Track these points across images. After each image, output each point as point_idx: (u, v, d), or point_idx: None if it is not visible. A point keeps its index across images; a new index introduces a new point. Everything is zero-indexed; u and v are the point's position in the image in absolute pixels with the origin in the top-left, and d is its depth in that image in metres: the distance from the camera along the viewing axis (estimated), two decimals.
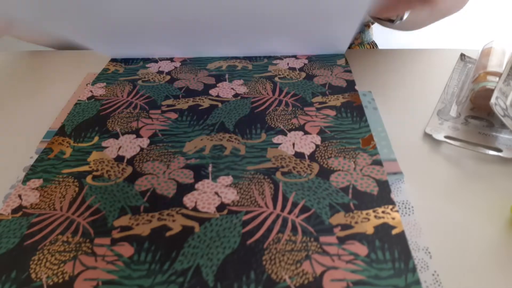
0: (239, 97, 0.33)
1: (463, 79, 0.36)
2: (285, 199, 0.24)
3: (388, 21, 0.38)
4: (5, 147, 0.31)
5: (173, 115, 0.32)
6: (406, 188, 0.26)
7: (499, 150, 0.28)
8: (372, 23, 0.58)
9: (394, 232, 0.22)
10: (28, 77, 0.40)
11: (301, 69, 0.37)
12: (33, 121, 0.33)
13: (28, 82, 0.39)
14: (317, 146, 0.28)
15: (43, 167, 0.27)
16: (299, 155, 0.27)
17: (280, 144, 0.28)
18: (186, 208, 0.24)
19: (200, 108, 0.32)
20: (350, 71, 0.36)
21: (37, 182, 0.26)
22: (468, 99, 0.33)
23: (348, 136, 0.29)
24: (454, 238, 0.23)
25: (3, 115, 0.34)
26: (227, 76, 0.36)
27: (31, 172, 0.27)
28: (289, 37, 0.36)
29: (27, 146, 0.31)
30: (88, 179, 0.26)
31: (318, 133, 0.29)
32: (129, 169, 0.27)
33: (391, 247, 0.22)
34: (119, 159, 0.28)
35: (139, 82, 0.36)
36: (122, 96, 0.34)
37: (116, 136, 0.30)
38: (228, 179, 0.26)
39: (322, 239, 0.22)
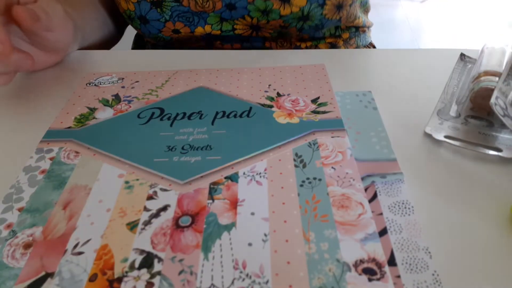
0: None
1: (463, 79, 0.36)
2: None
3: None
4: (5, 147, 0.31)
5: None
6: (406, 188, 0.26)
7: (499, 150, 0.28)
8: (369, 26, 0.58)
9: None
10: (28, 77, 0.40)
11: None
12: (33, 121, 0.33)
13: (28, 82, 0.39)
14: None
15: None
16: None
17: None
18: None
19: None
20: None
21: None
22: (468, 99, 0.33)
23: None
24: (454, 238, 0.23)
25: (3, 115, 0.34)
26: None
27: None
28: None
29: (27, 146, 0.30)
30: None
31: None
32: None
33: None
34: None
35: None
36: None
37: None
38: None
39: None
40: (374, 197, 0.25)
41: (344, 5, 0.46)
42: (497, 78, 0.31)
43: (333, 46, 0.53)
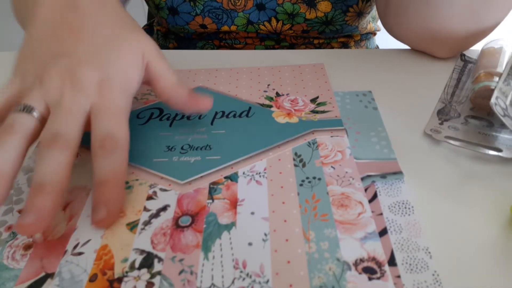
0: None
1: (463, 79, 0.36)
2: None
3: None
4: None
5: None
6: (406, 188, 0.26)
7: (499, 150, 0.28)
8: (378, 31, 0.58)
9: None
10: None
11: None
12: None
13: None
14: None
15: None
16: None
17: None
18: None
19: None
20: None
21: None
22: (468, 99, 0.33)
23: None
24: (454, 238, 0.23)
25: None
26: None
27: None
28: None
29: None
30: None
31: None
32: None
33: None
34: None
35: None
36: None
37: None
38: None
39: None
40: (374, 197, 0.25)
41: (364, 12, 0.48)
42: (497, 78, 0.31)
43: (345, 45, 0.54)
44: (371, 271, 0.21)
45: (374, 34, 0.58)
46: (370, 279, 0.21)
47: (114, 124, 0.25)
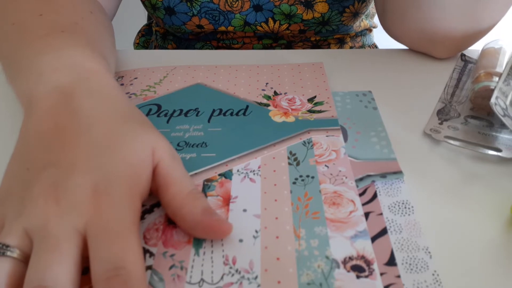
0: None
1: (463, 79, 0.36)
2: None
3: None
4: (6, 147, 0.31)
5: None
6: (406, 188, 0.26)
7: (499, 150, 0.28)
8: (374, 27, 0.58)
9: None
10: None
11: None
12: None
13: None
14: None
15: None
16: None
17: None
18: None
19: None
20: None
21: None
22: (468, 99, 0.33)
23: None
24: (454, 238, 0.23)
25: (4, 115, 0.34)
26: None
27: None
28: None
29: None
30: None
31: None
32: None
33: None
34: None
35: None
36: None
37: None
38: None
39: None
40: (374, 197, 0.25)
41: (360, 13, 0.49)
42: (497, 78, 0.31)
43: (341, 41, 0.54)
44: (359, 269, 0.21)
45: (370, 30, 0.58)
46: (358, 277, 0.21)
47: (119, 249, 0.19)
